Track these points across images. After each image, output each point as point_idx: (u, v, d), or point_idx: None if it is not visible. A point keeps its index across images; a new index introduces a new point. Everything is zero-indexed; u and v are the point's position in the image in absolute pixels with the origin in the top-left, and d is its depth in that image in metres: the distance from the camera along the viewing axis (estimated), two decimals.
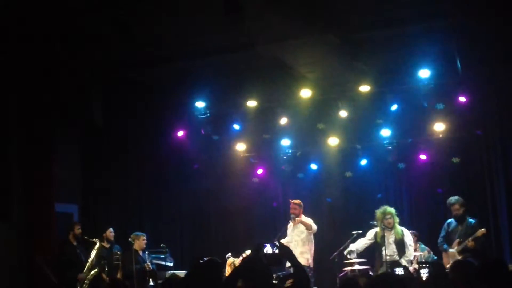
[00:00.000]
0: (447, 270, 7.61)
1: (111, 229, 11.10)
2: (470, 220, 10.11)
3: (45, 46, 10.08)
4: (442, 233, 10.34)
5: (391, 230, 10.33)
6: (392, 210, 10.46)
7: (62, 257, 10.43)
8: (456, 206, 10.15)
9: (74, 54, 10.44)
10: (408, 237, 10.38)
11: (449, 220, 10.36)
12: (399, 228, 10.40)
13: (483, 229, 9.82)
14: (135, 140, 12.98)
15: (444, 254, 10.28)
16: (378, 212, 10.42)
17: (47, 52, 10.20)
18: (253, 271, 5.14)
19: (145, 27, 9.74)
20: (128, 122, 12.76)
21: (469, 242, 9.80)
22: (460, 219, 10.15)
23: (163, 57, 11.09)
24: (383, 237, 10.23)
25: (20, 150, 10.79)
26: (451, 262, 9.47)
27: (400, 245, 10.28)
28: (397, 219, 10.44)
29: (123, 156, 12.93)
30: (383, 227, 10.24)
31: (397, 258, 10.21)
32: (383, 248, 10.17)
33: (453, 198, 10.29)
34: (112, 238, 11.07)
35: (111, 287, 6.32)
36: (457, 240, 10.01)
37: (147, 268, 10.92)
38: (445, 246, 10.25)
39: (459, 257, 9.63)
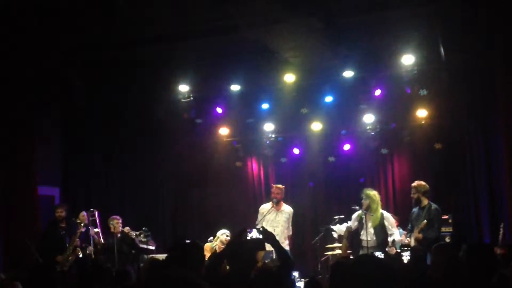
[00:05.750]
0: None
1: (83, 213, 10.96)
2: (428, 206, 9.86)
3: (25, 26, 9.96)
4: (409, 226, 10.17)
5: (371, 214, 10.17)
6: (368, 192, 10.27)
7: (45, 239, 10.39)
8: (413, 191, 9.99)
9: (56, 34, 10.33)
10: (389, 220, 10.25)
11: (413, 209, 10.16)
12: (379, 213, 10.23)
13: (424, 221, 9.71)
14: (117, 122, 12.91)
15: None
16: (361, 194, 10.39)
17: (28, 32, 10.08)
18: (237, 254, 5.19)
19: (129, 8, 9.66)
20: (109, 104, 12.69)
21: (417, 235, 9.73)
22: (417, 205, 9.97)
23: (146, 38, 11.02)
24: (361, 219, 10.24)
25: (1, 133, 10.70)
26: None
27: (380, 230, 10.15)
28: (375, 204, 10.22)
29: (105, 138, 12.86)
30: (363, 209, 10.22)
31: (373, 244, 10.09)
32: (362, 232, 10.19)
33: (413, 183, 10.12)
34: (86, 221, 10.90)
35: (92, 268, 6.30)
36: (416, 228, 9.82)
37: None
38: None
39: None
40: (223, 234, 11.25)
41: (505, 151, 10.53)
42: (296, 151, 12.57)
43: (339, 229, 10.45)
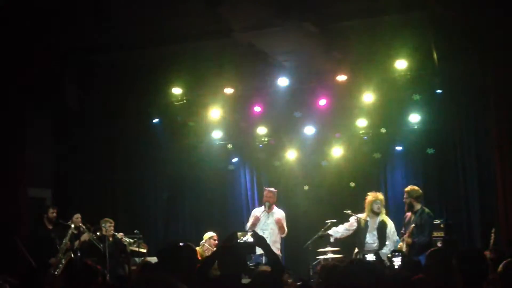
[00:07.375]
0: None
1: (77, 215, 10.91)
2: (420, 211, 9.86)
3: (18, 28, 9.94)
4: (402, 230, 10.16)
5: (376, 218, 10.25)
6: (383, 197, 10.40)
7: (35, 241, 10.34)
8: (405, 195, 10.00)
9: (48, 36, 10.31)
10: (391, 229, 10.26)
11: (406, 214, 10.19)
12: (385, 218, 10.31)
13: (412, 225, 9.73)
14: (109, 124, 12.88)
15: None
16: (370, 196, 10.38)
17: (21, 33, 10.05)
18: (228, 257, 5.19)
19: (122, 10, 9.66)
20: (102, 106, 12.67)
21: (407, 239, 9.70)
22: (410, 210, 9.97)
23: (139, 41, 11.01)
24: (367, 222, 10.25)
25: None
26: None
27: (382, 235, 10.19)
28: (383, 209, 10.35)
29: (97, 140, 12.83)
30: (370, 213, 10.22)
31: (376, 247, 10.12)
32: (366, 235, 10.19)
33: (406, 188, 10.14)
34: (79, 224, 10.84)
35: (82, 271, 6.27)
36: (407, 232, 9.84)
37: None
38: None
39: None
40: (211, 238, 11.26)
41: (497, 156, 10.57)
42: (289, 155, 12.56)
43: (335, 231, 10.47)
